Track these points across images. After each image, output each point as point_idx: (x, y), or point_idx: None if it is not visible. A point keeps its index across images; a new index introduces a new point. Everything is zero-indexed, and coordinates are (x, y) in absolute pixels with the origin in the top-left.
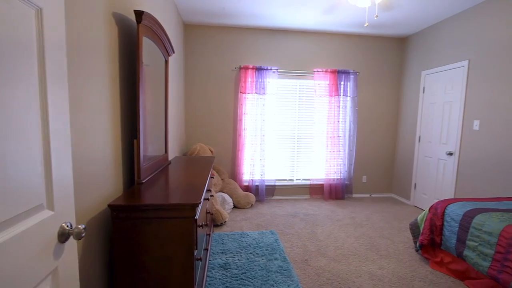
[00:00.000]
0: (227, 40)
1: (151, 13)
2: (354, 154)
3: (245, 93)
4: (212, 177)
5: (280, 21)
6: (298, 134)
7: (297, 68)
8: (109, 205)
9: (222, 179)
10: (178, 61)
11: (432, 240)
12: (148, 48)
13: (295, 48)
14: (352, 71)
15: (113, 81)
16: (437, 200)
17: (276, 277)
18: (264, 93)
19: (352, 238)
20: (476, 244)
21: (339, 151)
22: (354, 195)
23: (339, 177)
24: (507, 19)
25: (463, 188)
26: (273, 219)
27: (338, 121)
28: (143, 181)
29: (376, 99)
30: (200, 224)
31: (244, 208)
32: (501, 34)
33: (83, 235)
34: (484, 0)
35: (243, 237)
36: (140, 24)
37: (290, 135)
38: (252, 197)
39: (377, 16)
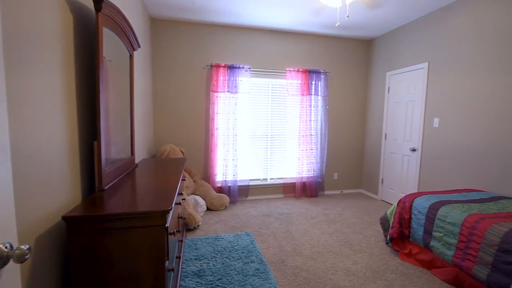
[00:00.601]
0: (197, 36)
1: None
2: (326, 152)
3: (217, 91)
4: (184, 180)
5: (253, 19)
6: (271, 133)
7: (269, 67)
8: (63, 217)
9: (194, 181)
10: (145, 57)
11: (401, 232)
12: (109, 41)
13: (267, 47)
14: (322, 71)
15: (67, 73)
16: (403, 194)
17: (253, 280)
18: (236, 92)
19: (327, 235)
20: (441, 234)
21: (312, 149)
22: (326, 192)
23: (312, 175)
24: (462, 25)
25: (425, 182)
26: (248, 220)
27: (310, 120)
28: (105, 187)
29: (345, 99)
30: (172, 231)
31: (218, 210)
32: (457, 38)
33: (27, 257)
34: (441, 7)
35: (218, 240)
36: (99, 13)
37: (263, 134)
38: (226, 198)
39: (347, 16)
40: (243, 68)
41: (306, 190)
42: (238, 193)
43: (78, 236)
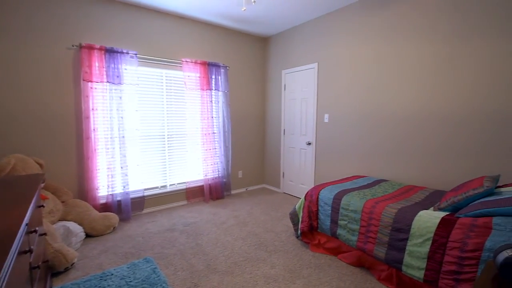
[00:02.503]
0: (55, 6)
1: None
2: (230, 150)
3: (91, 81)
4: (42, 206)
5: None
6: (169, 132)
7: (162, 56)
8: None
9: (63, 202)
10: None
11: (311, 225)
12: None
13: (159, 32)
14: (222, 65)
15: None
16: (302, 185)
17: None
18: (120, 83)
19: (240, 240)
20: (346, 222)
21: (215, 148)
22: (233, 192)
23: (217, 176)
24: (346, 29)
25: (320, 172)
26: (147, 240)
27: (212, 117)
28: None
29: (246, 95)
30: None
31: (103, 235)
32: (341, 42)
33: None
34: (329, 12)
35: (105, 280)
36: None
37: (158, 134)
38: (114, 217)
39: (244, 9)
40: (127, 53)
41: (212, 193)
42: (132, 207)
43: None
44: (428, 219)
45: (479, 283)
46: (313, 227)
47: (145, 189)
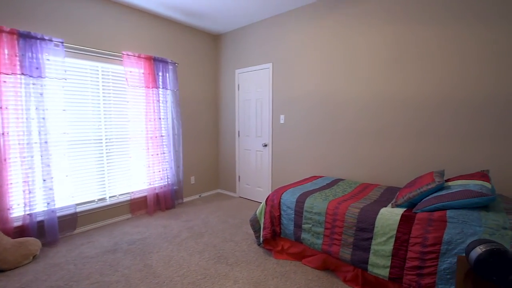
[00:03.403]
0: None
1: None
2: (181, 154)
3: None
4: None
5: None
6: (108, 136)
7: (98, 47)
8: None
9: None
10: None
11: (274, 231)
12: None
13: (95, 19)
14: (170, 61)
15: None
16: (259, 188)
17: None
18: (40, 76)
19: (197, 255)
20: (310, 225)
21: (164, 153)
22: (185, 200)
23: (166, 183)
24: (301, 29)
25: (277, 174)
26: (80, 268)
27: (160, 118)
28: None
29: (197, 94)
30: None
31: (18, 267)
32: (296, 42)
33: None
34: (283, 12)
35: None
36: None
37: (95, 138)
38: (33, 243)
39: None
40: (50, 41)
41: (161, 203)
42: (60, 228)
43: None
44: (389, 217)
45: (459, 282)
46: (276, 233)
47: (78, 204)
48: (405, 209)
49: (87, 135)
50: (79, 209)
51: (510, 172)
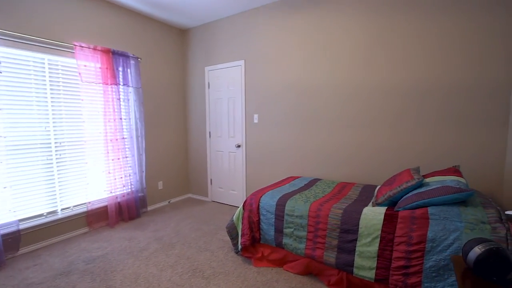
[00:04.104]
0: None
1: None
2: (144, 158)
3: None
4: None
5: None
6: (58, 139)
7: (43, 35)
8: None
9: None
10: None
11: (253, 237)
12: None
13: (39, 2)
14: (132, 55)
15: None
16: (232, 191)
17: None
18: None
19: (168, 269)
20: (292, 229)
21: (126, 157)
22: (152, 207)
23: (129, 191)
24: (274, 25)
25: (251, 176)
26: None
27: (121, 119)
28: None
29: (163, 93)
30: None
31: None
32: (269, 39)
33: None
34: (255, 7)
35: None
36: None
37: (41, 142)
38: None
39: None
40: None
41: (124, 212)
42: None
43: None
44: (373, 217)
45: (459, 284)
46: (255, 239)
47: (22, 220)
48: (386, 207)
49: (32, 138)
50: (23, 225)
51: (477, 166)
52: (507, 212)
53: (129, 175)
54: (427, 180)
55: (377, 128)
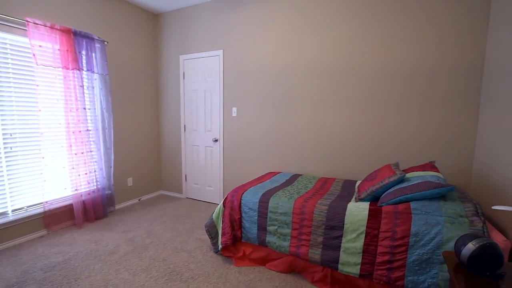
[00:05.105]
0: None
1: None
2: (112, 152)
3: None
4: None
5: None
6: (7, 131)
7: None
8: None
9: None
10: None
11: (235, 236)
12: None
13: None
14: (98, 38)
15: None
16: (209, 188)
17: None
18: None
19: (142, 274)
20: (276, 227)
21: (91, 151)
22: (120, 206)
23: (95, 188)
24: (254, 14)
25: (229, 172)
26: None
27: (85, 108)
28: None
29: (133, 81)
30: None
31: None
32: (249, 28)
33: None
34: None
35: None
36: None
37: None
38: None
39: None
40: None
41: (88, 212)
42: None
43: None
44: (358, 212)
45: (452, 279)
46: (237, 237)
47: None
48: (369, 202)
49: None
50: None
51: (451, 161)
52: (493, 207)
53: (94, 171)
54: (408, 175)
55: (354, 121)
